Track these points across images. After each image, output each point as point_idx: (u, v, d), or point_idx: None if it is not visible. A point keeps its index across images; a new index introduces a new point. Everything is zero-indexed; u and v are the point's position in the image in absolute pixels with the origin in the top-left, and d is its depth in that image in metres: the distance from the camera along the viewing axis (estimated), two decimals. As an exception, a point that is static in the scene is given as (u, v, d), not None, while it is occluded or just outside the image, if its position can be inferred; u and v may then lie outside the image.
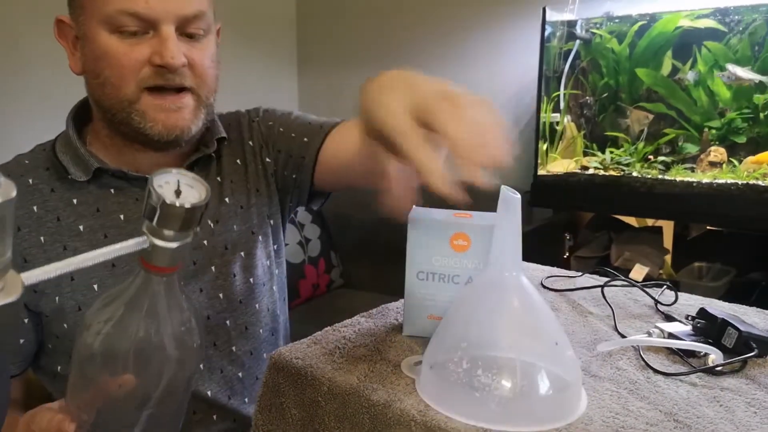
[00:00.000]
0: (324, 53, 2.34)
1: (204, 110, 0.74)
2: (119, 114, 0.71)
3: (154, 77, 0.69)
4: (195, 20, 0.70)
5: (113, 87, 0.70)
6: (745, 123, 1.41)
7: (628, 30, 1.52)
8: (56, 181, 0.75)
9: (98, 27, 0.69)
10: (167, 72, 0.69)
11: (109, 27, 0.68)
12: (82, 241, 0.74)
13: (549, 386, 0.50)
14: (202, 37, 0.72)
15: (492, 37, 1.92)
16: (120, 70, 0.69)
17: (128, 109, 0.70)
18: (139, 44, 0.68)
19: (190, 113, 0.73)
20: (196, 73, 0.72)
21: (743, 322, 0.62)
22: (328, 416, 0.55)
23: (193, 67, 0.71)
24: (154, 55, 0.68)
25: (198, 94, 0.73)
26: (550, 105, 1.64)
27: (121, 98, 0.70)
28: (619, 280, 0.84)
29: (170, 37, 0.68)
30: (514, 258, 0.52)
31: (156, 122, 0.70)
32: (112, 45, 0.68)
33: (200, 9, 0.70)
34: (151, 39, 0.69)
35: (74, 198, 0.75)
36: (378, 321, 0.70)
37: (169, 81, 0.70)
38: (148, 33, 0.69)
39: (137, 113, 0.70)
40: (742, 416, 0.50)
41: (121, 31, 0.68)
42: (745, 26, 1.38)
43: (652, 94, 1.53)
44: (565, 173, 1.60)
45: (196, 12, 0.70)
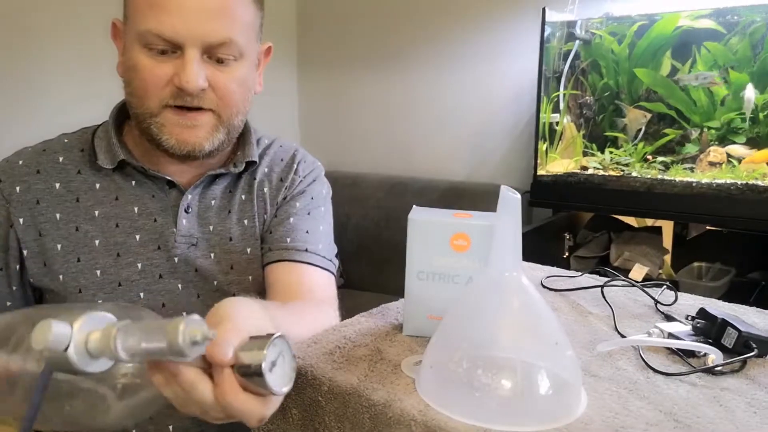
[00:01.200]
0: (324, 54, 2.34)
1: (224, 130, 0.77)
2: (143, 123, 0.75)
3: (173, 97, 0.72)
4: (222, 47, 0.73)
5: (139, 98, 0.74)
6: (744, 123, 1.41)
7: (627, 30, 1.52)
8: (85, 164, 0.80)
9: (134, 40, 0.72)
10: (187, 94, 0.72)
11: (141, 42, 0.71)
12: (94, 226, 0.78)
13: (549, 386, 0.50)
14: (232, 62, 0.75)
15: (492, 37, 1.92)
16: (145, 84, 0.72)
17: (149, 120, 0.74)
18: (165, 63, 0.72)
19: (206, 132, 0.75)
20: (219, 95, 0.74)
21: (743, 322, 0.62)
22: (329, 416, 0.55)
23: (216, 89, 0.74)
24: (175, 76, 0.71)
25: (219, 114, 0.75)
26: (550, 105, 1.64)
27: (144, 110, 0.74)
28: (618, 280, 0.84)
29: (191, 61, 0.71)
30: (514, 258, 0.52)
31: (171, 136, 0.74)
32: (141, 60, 0.72)
33: (228, 36, 0.72)
34: (176, 59, 0.71)
35: (97, 183, 0.79)
36: (378, 320, 0.70)
37: (187, 102, 0.73)
38: (176, 53, 0.71)
39: (156, 125, 0.74)
40: (741, 416, 0.50)
41: (151, 48, 0.71)
42: (744, 27, 1.38)
43: (651, 94, 1.54)
44: (564, 173, 1.60)
45: (223, 39, 0.72)
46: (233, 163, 0.83)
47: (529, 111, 1.82)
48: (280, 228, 0.85)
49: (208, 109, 0.74)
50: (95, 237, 0.77)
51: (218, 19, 0.71)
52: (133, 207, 0.79)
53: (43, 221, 0.77)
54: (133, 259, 0.78)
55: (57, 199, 0.77)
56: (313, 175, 0.92)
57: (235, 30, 0.73)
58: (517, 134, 1.91)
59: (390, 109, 2.18)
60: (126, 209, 0.79)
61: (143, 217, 0.79)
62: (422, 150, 2.12)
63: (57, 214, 0.77)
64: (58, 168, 0.79)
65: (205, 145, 0.76)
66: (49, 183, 0.78)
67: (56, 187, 0.78)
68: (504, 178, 1.92)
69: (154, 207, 0.79)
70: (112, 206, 0.78)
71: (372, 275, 1.99)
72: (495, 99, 1.94)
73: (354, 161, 2.26)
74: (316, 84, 2.38)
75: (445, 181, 1.95)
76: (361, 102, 2.25)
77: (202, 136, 0.75)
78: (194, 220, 0.81)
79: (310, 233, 0.86)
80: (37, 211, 0.77)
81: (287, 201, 0.89)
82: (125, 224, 0.78)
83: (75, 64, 1.67)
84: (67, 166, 0.79)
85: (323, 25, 2.32)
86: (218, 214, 0.83)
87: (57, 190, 0.78)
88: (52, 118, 1.64)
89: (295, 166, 0.90)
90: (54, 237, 0.76)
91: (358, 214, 2.03)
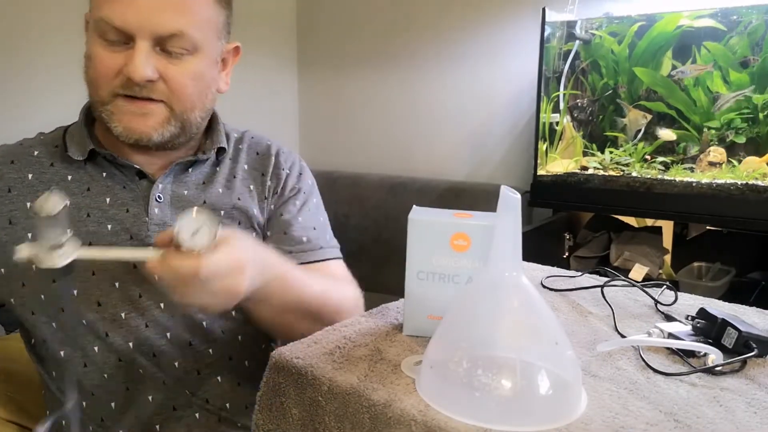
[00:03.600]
0: (324, 54, 2.34)
1: (177, 123, 0.77)
2: (97, 111, 0.77)
3: (123, 87, 0.73)
4: (173, 39, 0.73)
5: (93, 87, 0.76)
6: (744, 123, 1.41)
7: (627, 30, 1.52)
8: (58, 157, 0.81)
9: (92, 29, 0.74)
10: (134, 84, 0.73)
11: (96, 32, 0.73)
12: None
13: (549, 386, 0.50)
14: (185, 55, 0.75)
15: (492, 37, 1.92)
16: (97, 73, 0.74)
17: (101, 108, 0.76)
18: (117, 53, 0.73)
19: (156, 122, 0.76)
20: (171, 88, 0.75)
21: (743, 322, 0.62)
22: (329, 416, 0.55)
23: (167, 81, 0.74)
24: (125, 66, 0.72)
25: (171, 107, 0.76)
26: (550, 105, 1.64)
27: (97, 98, 0.76)
28: (619, 280, 0.84)
29: (139, 52, 0.71)
30: (514, 258, 0.52)
31: (120, 123, 0.75)
32: (96, 49, 0.73)
33: (179, 29, 0.72)
34: (128, 51, 0.72)
35: (69, 175, 0.80)
36: (378, 320, 0.70)
37: (135, 92, 0.74)
38: (128, 44, 0.72)
39: (107, 113, 0.75)
40: (741, 416, 0.50)
41: (104, 38, 0.72)
42: (744, 26, 1.38)
43: (651, 94, 1.54)
44: (564, 173, 1.60)
45: (174, 31, 0.72)
46: (202, 151, 0.85)
47: (529, 111, 1.82)
48: (291, 230, 0.88)
49: (159, 100, 0.75)
50: None
51: (170, 11, 0.72)
52: (104, 198, 0.80)
53: (14, 209, 0.78)
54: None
55: (28, 189, 0.79)
56: (298, 168, 0.94)
57: (188, 23, 0.73)
58: (517, 134, 1.91)
59: (390, 109, 2.18)
60: (97, 200, 0.79)
61: (115, 207, 0.80)
62: (422, 150, 2.12)
63: (28, 203, 0.78)
64: (32, 160, 0.80)
65: (153, 135, 0.76)
66: (22, 173, 0.79)
67: (29, 178, 0.79)
68: (504, 178, 1.92)
69: (125, 197, 0.80)
70: (83, 197, 0.79)
71: (372, 275, 1.99)
72: (495, 99, 1.94)
73: (354, 161, 2.26)
74: (316, 84, 2.38)
75: (445, 181, 1.95)
76: (361, 102, 2.25)
77: (150, 126, 0.75)
78: (167, 208, 0.81)
79: (317, 229, 0.91)
80: (8, 200, 0.78)
81: (285, 201, 0.90)
82: (97, 214, 0.79)
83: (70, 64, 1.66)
84: (41, 158, 0.81)
85: (323, 25, 2.32)
86: (192, 203, 0.83)
87: (29, 181, 0.79)
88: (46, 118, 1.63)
89: (274, 159, 0.92)
90: (24, 225, 0.77)
91: (358, 214, 2.03)
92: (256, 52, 2.22)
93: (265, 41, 2.30)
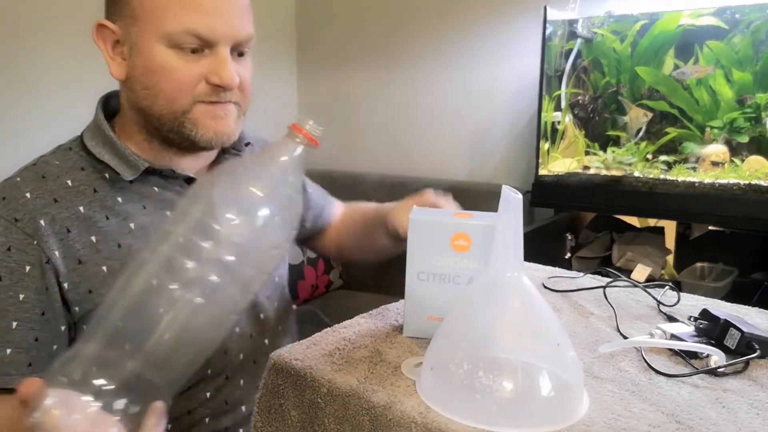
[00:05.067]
0: (324, 53, 2.34)
1: (241, 119, 0.79)
2: (169, 123, 0.74)
3: (209, 94, 0.73)
4: (247, 42, 0.75)
5: (167, 99, 0.73)
6: (747, 122, 1.40)
7: (629, 29, 1.51)
8: (97, 181, 0.76)
9: (156, 41, 0.71)
10: (222, 90, 0.73)
11: (168, 43, 0.71)
12: (135, 239, 0.75)
13: (551, 387, 0.50)
14: (247, 54, 0.77)
15: (493, 36, 1.91)
16: (177, 84, 0.72)
17: (181, 118, 0.73)
18: (197, 61, 0.72)
19: (234, 121, 0.77)
20: (242, 88, 0.76)
21: (746, 323, 0.62)
22: (328, 418, 0.55)
23: (241, 83, 0.75)
24: (211, 74, 0.72)
25: (240, 105, 0.77)
26: (552, 104, 1.63)
27: (175, 110, 0.73)
28: (621, 281, 0.83)
29: (228, 59, 0.72)
30: (515, 258, 0.52)
31: (207, 129, 0.74)
32: (170, 60, 0.71)
33: (251, 32, 0.76)
34: (208, 57, 0.72)
35: (119, 197, 0.76)
36: (378, 322, 0.69)
37: (222, 98, 0.74)
38: (205, 51, 0.72)
39: (189, 121, 0.74)
40: (744, 418, 0.50)
41: (181, 48, 0.71)
42: (747, 25, 1.37)
43: (653, 92, 1.53)
44: (566, 173, 1.59)
45: (249, 35, 0.75)
46: (233, 148, 0.85)
47: (531, 110, 1.81)
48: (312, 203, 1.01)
49: (234, 101, 0.76)
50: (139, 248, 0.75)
51: (246, 16, 0.74)
52: (165, 212, 0.77)
53: (80, 248, 0.72)
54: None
55: (87, 223, 0.73)
56: None
57: (252, 23, 0.76)
58: (519, 133, 1.90)
59: (390, 108, 2.18)
60: (159, 215, 0.77)
61: None
62: (422, 150, 2.11)
63: (92, 237, 0.73)
64: (73, 192, 0.74)
65: (234, 134, 0.78)
66: (73, 209, 0.73)
67: (81, 211, 0.73)
68: (505, 177, 1.91)
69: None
70: (143, 216, 0.76)
71: (372, 276, 1.99)
72: (496, 98, 1.93)
73: (354, 160, 2.26)
74: (316, 84, 2.38)
75: (446, 181, 1.94)
76: (362, 101, 2.25)
77: (232, 126, 0.76)
78: None
79: (323, 193, 1.05)
80: (71, 240, 0.72)
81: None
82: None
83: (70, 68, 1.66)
84: (79, 187, 0.75)
85: (323, 25, 2.32)
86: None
87: (84, 214, 0.73)
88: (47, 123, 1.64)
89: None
90: (96, 261, 0.72)
91: (359, 214, 2.02)
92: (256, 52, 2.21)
93: (265, 41, 2.29)
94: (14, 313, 0.70)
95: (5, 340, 0.70)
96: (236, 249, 0.52)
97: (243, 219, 0.53)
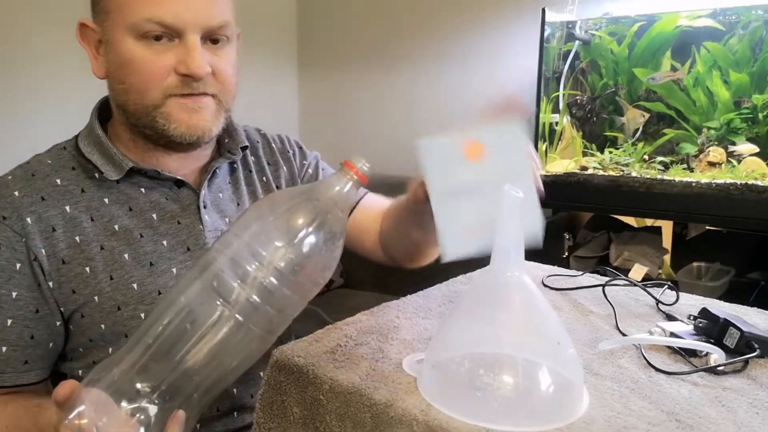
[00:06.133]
0: (324, 54, 2.34)
1: (224, 114, 0.76)
2: (144, 118, 0.72)
3: (180, 86, 0.70)
4: (219, 29, 0.72)
5: (138, 93, 0.71)
6: (744, 123, 1.41)
7: (627, 30, 1.52)
8: (85, 181, 0.75)
9: (124, 34, 0.69)
10: (192, 80, 0.70)
11: (135, 34, 0.69)
12: (118, 241, 0.74)
13: (551, 385, 0.50)
14: (225, 44, 0.74)
15: (492, 37, 1.91)
16: (146, 77, 0.70)
17: (153, 113, 0.71)
18: (165, 52, 0.69)
19: (211, 115, 0.74)
20: (219, 80, 0.73)
21: (745, 322, 0.62)
22: (330, 415, 0.55)
23: (216, 74, 0.72)
24: (179, 63, 0.69)
25: (219, 99, 0.74)
26: (550, 105, 1.64)
27: (146, 104, 0.71)
28: (620, 280, 0.84)
29: (196, 47, 0.69)
30: (516, 257, 0.52)
31: (180, 123, 0.72)
32: (138, 52, 0.69)
33: (225, 19, 0.72)
34: (177, 47, 0.69)
35: (105, 197, 0.75)
36: (379, 319, 0.69)
37: (193, 89, 0.71)
38: (173, 41, 0.69)
39: (161, 116, 0.71)
40: (743, 416, 0.50)
41: (147, 37, 0.69)
42: (743, 26, 1.38)
43: (651, 94, 1.54)
44: (564, 173, 1.60)
45: (221, 22, 0.71)
46: (228, 151, 0.83)
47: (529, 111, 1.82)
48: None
49: (210, 93, 0.73)
50: (123, 251, 0.74)
51: (217, 2, 0.71)
52: (150, 214, 0.76)
53: (64, 248, 0.72)
54: (166, 266, 0.75)
55: (72, 223, 0.73)
56: (296, 145, 0.95)
57: (228, 11, 0.73)
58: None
59: (390, 109, 2.18)
60: (144, 218, 0.76)
61: (165, 221, 0.76)
62: (422, 150, 2.12)
63: (76, 238, 0.72)
64: (60, 191, 0.74)
65: (213, 129, 0.74)
66: (60, 208, 0.73)
67: (67, 210, 0.73)
68: (503, 178, 1.91)
69: (172, 209, 0.77)
70: (128, 218, 0.75)
71: (372, 275, 1.99)
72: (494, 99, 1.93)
73: (353, 161, 2.26)
74: (316, 84, 2.38)
75: (445, 181, 1.95)
76: (362, 102, 2.25)
77: (209, 120, 0.73)
78: (214, 214, 0.80)
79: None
80: (55, 239, 0.71)
81: (303, 176, 0.92)
82: (149, 233, 0.75)
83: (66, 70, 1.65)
84: (68, 186, 0.74)
85: (323, 25, 2.32)
86: (229, 205, 0.82)
87: (69, 213, 0.73)
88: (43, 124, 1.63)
89: (278, 145, 0.93)
90: (80, 261, 0.72)
91: (358, 214, 2.02)
92: (256, 52, 2.22)
93: (265, 41, 2.29)
94: (8, 310, 0.70)
95: (0, 338, 0.70)
96: (279, 274, 0.54)
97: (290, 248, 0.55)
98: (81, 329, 0.73)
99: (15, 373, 0.71)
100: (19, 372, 0.71)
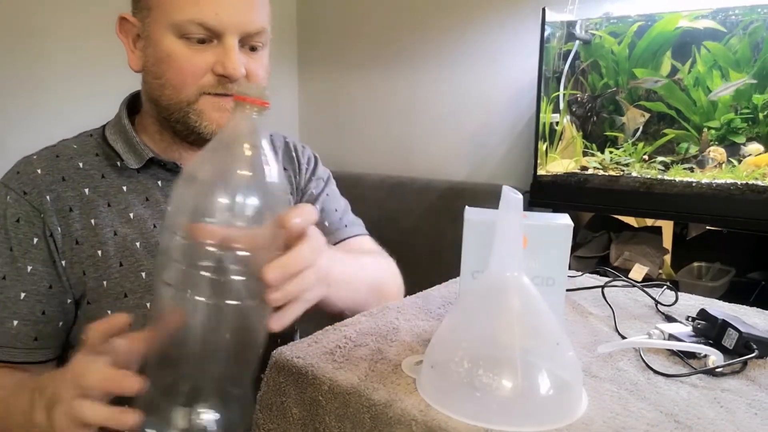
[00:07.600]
0: (324, 54, 2.34)
1: None
2: (176, 113, 0.74)
3: (215, 85, 0.73)
4: (257, 36, 0.75)
5: (174, 89, 0.73)
6: (744, 123, 1.41)
7: (627, 30, 1.52)
8: (107, 167, 0.78)
9: (165, 31, 0.72)
10: (228, 81, 0.73)
11: (176, 32, 0.71)
12: (132, 228, 0.76)
13: (550, 386, 0.50)
14: (260, 49, 0.77)
15: (492, 37, 1.91)
16: (182, 74, 0.72)
17: (186, 108, 0.74)
18: (204, 51, 0.72)
19: None
20: (252, 82, 0.76)
21: (744, 323, 0.62)
22: (329, 415, 0.55)
23: (250, 77, 0.75)
24: (216, 64, 0.72)
25: None
26: (550, 105, 1.64)
27: (181, 99, 0.73)
28: (619, 280, 0.84)
29: (234, 49, 0.72)
30: (515, 258, 0.52)
31: (212, 121, 0.74)
32: (177, 49, 0.72)
33: (263, 26, 0.75)
34: (215, 48, 0.72)
35: (124, 185, 0.78)
36: (379, 320, 0.70)
37: (228, 90, 0.73)
38: (213, 42, 0.72)
39: (195, 113, 0.74)
40: (742, 417, 0.50)
41: (188, 37, 0.71)
42: (744, 27, 1.38)
43: (651, 94, 1.53)
44: (564, 173, 1.60)
45: (259, 28, 0.75)
46: None
47: (529, 111, 1.82)
48: (335, 209, 0.96)
49: None
50: (135, 240, 0.76)
51: (256, 9, 0.74)
52: (166, 206, 0.78)
53: (79, 228, 0.74)
54: None
55: (89, 205, 0.75)
56: (314, 161, 0.98)
57: (266, 19, 0.76)
58: (517, 134, 1.91)
59: (390, 109, 2.18)
60: (158, 210, 0.78)
61: None
62: (422, 150, 2.12)
63: (92, 220, 0.75)
64: (82, 174, 0.77)
65: None
66: (78, 190, 0.76)
67: (86, 193, 0.76)
68: (504, 178, 1.91)
69: None
70: (144, 207, 0.77)
71: (372, 275, 1.99)
72: (495, 99, 1.93)
73: (354, 161, 2.26)
74: (316, 84, 2.38)
75: (445, 181, 1.95)
76: (361, 102, 2.25)
77: None
78: None
79: (338, 210, 0.97)
80: (72, 219, 0.74)
81: (305, 191, 0.93)
82: (162, 224, 0.77)
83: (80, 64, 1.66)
84: (89, 171, 0.77)
85: (323, 25, 2.32)
86: None
87: (87, 196, 0.76)
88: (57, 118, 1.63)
89: (293, 154, 0.95)
90: (92, 243, 0.74)
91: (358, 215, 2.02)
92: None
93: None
94: (22, 284, 0.72)
95: (12, 311, 0.71)
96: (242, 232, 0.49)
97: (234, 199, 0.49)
98: (87, 316, 0.75)
99: (26, 349, 0.72)
100: (30, 349, 0.73)
